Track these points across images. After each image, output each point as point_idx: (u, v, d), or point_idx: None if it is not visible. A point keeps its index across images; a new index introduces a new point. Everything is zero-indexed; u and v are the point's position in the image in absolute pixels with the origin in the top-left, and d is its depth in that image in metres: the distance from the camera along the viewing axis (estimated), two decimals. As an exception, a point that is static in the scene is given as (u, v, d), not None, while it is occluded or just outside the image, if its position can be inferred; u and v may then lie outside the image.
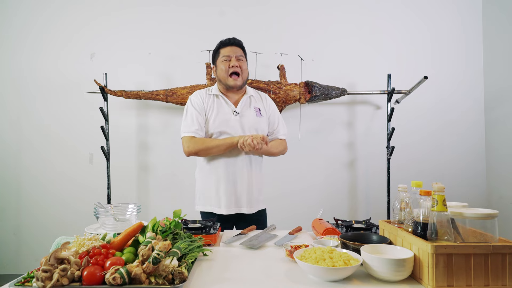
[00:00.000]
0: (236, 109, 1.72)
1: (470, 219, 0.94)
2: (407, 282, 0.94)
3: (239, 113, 1.71)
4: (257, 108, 1.76)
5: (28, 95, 2.84)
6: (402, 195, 1.15)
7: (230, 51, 1.70)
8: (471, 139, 2.89)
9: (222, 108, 1.72)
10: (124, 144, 2.84)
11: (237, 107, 1.72)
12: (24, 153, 2.85)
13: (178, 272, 0.88)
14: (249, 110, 1.74)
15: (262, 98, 1.83)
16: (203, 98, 1.73)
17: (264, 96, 1.85)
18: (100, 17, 2.85)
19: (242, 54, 1.74)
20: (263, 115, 1.76)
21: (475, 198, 2.85)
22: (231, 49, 1.71)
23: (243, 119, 1.70)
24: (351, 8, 2.89)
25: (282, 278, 0.98)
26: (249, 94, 1.78)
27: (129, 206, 1.41)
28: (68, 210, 2.82)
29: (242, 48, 1.76)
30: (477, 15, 2.90)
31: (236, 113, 1.71)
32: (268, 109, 1.80)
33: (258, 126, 1.72)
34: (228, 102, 1.73)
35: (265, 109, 1.79)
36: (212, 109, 1.71)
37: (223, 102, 1.73)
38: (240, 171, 1.69)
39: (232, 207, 1.69)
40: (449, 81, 2.88)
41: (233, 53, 1.70)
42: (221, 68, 1.70)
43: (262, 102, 1.81)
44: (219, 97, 1.74)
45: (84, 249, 0.96)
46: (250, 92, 1.79)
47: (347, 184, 2.91)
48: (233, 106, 1.72)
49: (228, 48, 1.71)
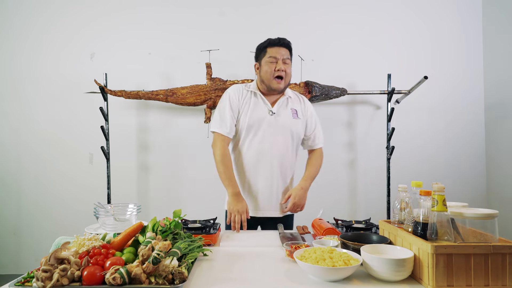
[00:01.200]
0: (272, 108, 1.68)
1: (470, 219, 0.94)
2: (407, 282, 0.94)
3: (275, 113, 1.67)
4: (294, 110, 1.73)
5: (28, 95, 2.84)
6: (402, 195, 1.15)
7: (278, 53, 1.63)
8: (471, 139, 2.88)
9: (259, 106, 1.68)
10: (124, 144, 2.84)
11: (274, 107, 1.68)
12: (24, 153, 2.85)
13: (178, 272, 0.88)
14: (285, 111, 1.70)
15: (300, 101, 1.79)
16: (240, 94, 1.69)
17: (303, 98, 1.81)
18: (100, 17, 2.85)
19: (289, 57, 1.67)
20: (299, 117, 1.73)
21: (475, 198, 2.85)
22: (279, 50, 1.64)
23: (279, 119, 1.67)
24: (351, 9, 2.89)
25: (282, 278, 0.98)
26: (287, 95, 1.74)
27: (129, 206, 1.41)
28: (68, 210, 2.82)
29: (290, 50, 1.69)
30: (477, 15, 2.90)
31: (272, 113, 1.67)
32: (306, 112, 1.77)
33: (294, 127, 1.70)
34: (266, 101, 1.69)
35: (302, 112, 1.75)
36: (248, 105, 1.67)
37: (260, 101, 1.69)
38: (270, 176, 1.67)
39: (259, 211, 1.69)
40: (449, 81, 2.88)
41: (281, 55, 1.63)
42: (266, 69, 1.64)
43: (300, 104, 1.77)
44: (257, 95, 1.70)
45: (84, 249, 0.96)
46: (288, 93, 1.75)
47: (347, 184, 2.91)
48: (269, 106, 1.69)
49: (276, 49, 1.64)
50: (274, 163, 1.67)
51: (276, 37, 1.67)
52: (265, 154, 1.65)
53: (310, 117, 1.78)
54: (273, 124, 1.66)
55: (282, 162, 1.69)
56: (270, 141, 1.65)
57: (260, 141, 1.65)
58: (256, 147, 1.66)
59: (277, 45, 1.64)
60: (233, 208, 1.54)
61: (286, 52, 1.66)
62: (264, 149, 1.65)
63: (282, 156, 1.68)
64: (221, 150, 1.62)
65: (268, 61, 1.63)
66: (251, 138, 1.67)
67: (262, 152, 1.65)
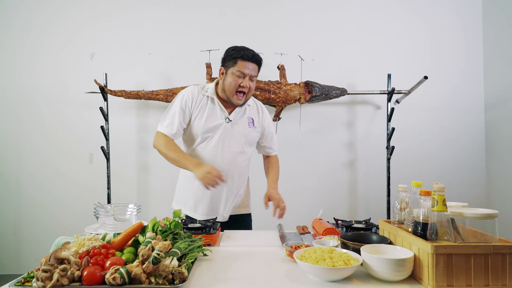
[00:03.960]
0: (229, 116, 1.64)
1: (470, 219, 0.94)
2: (407, 282, 0.94)
3: (232, 120, 1.64)
4: (251, 119, 1.71)
5: (28, 95, 2.84)
6: (402, 195, 1.15)
7: (247, 68, 1.56)
8: (471, 139, 2.88)
9: (215, 113, 1.64)
10: (124, 144, 2.84)
11: (231, 115, 1.65)
12: (24, 153, 2.85)
13: (178, 272, 0.88)
14: (242, 119, 1.68)
15: (259, 110, 1.77)
16: (195, 98, 1.63)
17: (261, 108, 1.79)
18: (100, 17, 2.85)
19: (257, 74, 1.62)
20: (256, 126, 1.72)
21: (475, 198, 2.85)
22: (249, 66, 1.56)
23: (235, 127, 1.65)
24: (351, 9, 2.89)
25: (282, 278, 0.98)
26: (246, 104, 1.70)
27: (129, 206, 1.41)
28: (68, 210, 2.82)
29: (260, 66, 1.63)
30: (477, 15, 2.90)
31: (229, 120, 1.64)
32: (263, 122, 1.76)
33: (249, 135, 1.69)
34: (223, 108, 1.64)
35: (259, 121, 1.74)
36: (204, 111, 1.62)
37: (217, 107, 1.64)
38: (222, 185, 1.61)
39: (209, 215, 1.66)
40: (449, 81, 2.88)
41: (249, 71, 1.57)
42: (230, 81, 1.57)
43: (258, 113, 1.75)
44: (214, 102, 1.65)
45: (84, 249, 0.96)
46: (248, 102, 1.71)
47: (347, 184, 2.90)
48: (226, 113, 1.65)
49: (246, 64, 1.56)
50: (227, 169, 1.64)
51: (249, 52, 1.58)
52: (218, 160, 1.62)
53: (268, 127, 1.78)
54: (228, 131, 1.64)
55: (236, 168, 1.67)
56: (224, 148, 1.63)
57: (215, 146, 1.63)
58: (210, 153, 1.63)
59: (250, 60, 1.56)
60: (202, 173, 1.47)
61: (255, 68, 1.59)
62: (217, 156, 1.63)
63: (235, 162, 1.66)
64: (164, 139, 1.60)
65: (235, 74, 1.56)
66: (206, 144, 1.64)
67: (215, 159, 1.62)
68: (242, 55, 1.56)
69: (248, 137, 1.69)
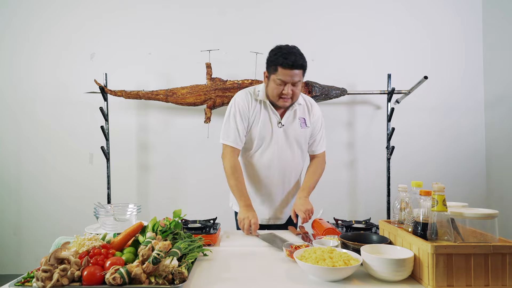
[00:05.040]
0: (281, 120, 1.64)
1: (470, 219, 0.94)
2: (407, 282, 0.94)
3: (284, 125, 1.64)
4: (302, 119, 1.68)
5: (28, 95, 2.84)
6: (402, 195, 1.15)
7: (288, 76, 1.49)
8: (471, 139, 2.88)
9: (268, 118, 1.63)
10: (124, 144, 2.84)
11: (283, 119, 1.64)
12: (24, 153, 2.85)
13: (178, 272, 0.88)
14: (294, 122, 1.66)
15: (308, 106, 1.73)
16: (249, 103, 1.62)
17: (310, 104, 1.74)
18: (100, 17, 2.85)
19: (300, 78, 1.54)
20: (308, 126, 1.70)
21: (475, 198, 2.85)
22: (290, 73, 1.49)
23: (287, 131, 1.65)
24: (351, 9, 2.89)
25: (282, 278, 0.98)
26: (297, 104, 1.66)
27: (129, 206, 1.41)
28: (68, 210, 2.82)
29: (304, 69, 1.55)
30: (477, 15, 2.90)
31: (281, 125, 1.64)
32: (313, 117, 1.72)
33: (301, 138, 1.68)
34: (275, 111, 1.63)
35: (309, 119, 1.71)
36: (258, 117, 1.62)
37: (270, 111, 1.63)
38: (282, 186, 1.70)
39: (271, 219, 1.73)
40: (449, 81, 2.88)
41: (291, 79, 1.50)
42: (273, 88, 1.55)
43: (308, 110, 1.72)
44: (267, 105, 1.63)
45: (84, 249, 0.96)
46: (298, 100, 1.66)
47: (347, 184, 2.90)
48: (279, 117, 1.64)
49: (287, 72, 1.49)
50: (284, 173, 1.69)
51: (290, 59, 1.48)
52: (275, 165, 1.66)
53: (316, 121, 1.73)
54: (281, 137, 1.65)
55: (291, 172, 1.71)
56: (279, 153, 1.66)
57: (270, 153, 1.65)
58: (266, 160, 1.66)
59: (290, 68, 1.48)
60: (243, 216, 1.51)
61: (298, 73, 1.52)
62: (273, 161, 1.66)
63: (290, 166, 1.70)
64: (231, 163, 1.60)
65: (277, 82, 1.52)
66: (262, 150, 1.66)
67: (271, 164, 1.66)
68: (281, 63, 1.48)
69: (301, 140, 1.69)
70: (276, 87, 1.53)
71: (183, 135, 2.85)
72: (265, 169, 1.67)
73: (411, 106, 2.85)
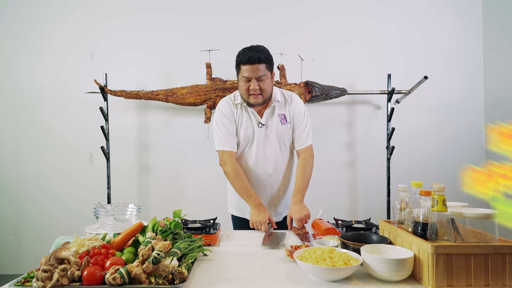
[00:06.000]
0: (261, 120, 1.66)
1: (470, 219, 0.94)
2: (407, 282, 0.94)
3: (264, 124, 1.66)
4: (282, 115, 1.68)
5: (28, 95, 2.84)
6: (402, 195, 1.15)
7: (249, 72, 1.53)
8: (471, 139, 2.88)
9: (249, 120, 1.66)
10: (124, 144, 2.84)
11: (262, 118, 1.66)
12: (24, 153, 2.85)
13: (178, 272, 0.88)
14: (273, 119, 1.67)
15: (287, 101, 1.71)
16: (231, 108, 1.66)
17: (290, 98, 1.72)
18: (100, 17, 2.85)
19: (265, 72, 1.55)
20: (288, 121, 1.69)
21: (475, 198, 2.84)
22: (250, 69, 1.53)
23: (268, 130, 1.66)
24: (351, 9, 2.89)
25: (282, 278, 0.98)
26: (275, 101, 1.66)
27: (129, 206, 1.41)
28: (68, 210, 2.82)
29: (266, 62, 1.55)
30: (477, 15, 2.90)
31: (262, 125, 1.65)
32: (293, 111, 1.70)
33: (283, 135, 1.68)
34: (254, 112, 1.66)
35: (289, 114, 1.70)
36: (241, 121, 1.65)
37: (250, 113, 1.66)
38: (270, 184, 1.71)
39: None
40: (449, 81, 2.88)
41: (253, 73, 1.53)
42: (241, 85, 1.60)
43: (287, 106, 1.70)
44: (246, 108, 1.66)
45: (84, 249, 0.96)
46: (276, 97, 1.66)
47: (347, 184, 2.90)
48: (258, 117, 1.66)
49: (247, 67, 1.53)
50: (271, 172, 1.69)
51: (246, 55, 1.53)
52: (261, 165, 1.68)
53: (297, 114, 1.69)
54: (263, 136, 1.66)
55: (279, 170, 1.71)
56: (264, 152, 1.67)
57: (255, 151, 1.67)
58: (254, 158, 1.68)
59: (248, 63, 1.52)
60: (254, 219, 1.51)
61: (261, 67, 1.53)
62: (260, 159, 1.67)
63: (277, 164, 1.70)
64: (233, 167, 1.61)
65: (242, 80, 1.57)
66: (247, 151, 1.69)
67: (257, 164, 1.68)
68: (240, 60, 1.56)
69: (282, 136, 1.68)
70: (244, 85, 1.58)
71: (183, 135, 2.85)
72: (252, 169, 1.68)
73: (411, 106, 2.85)
